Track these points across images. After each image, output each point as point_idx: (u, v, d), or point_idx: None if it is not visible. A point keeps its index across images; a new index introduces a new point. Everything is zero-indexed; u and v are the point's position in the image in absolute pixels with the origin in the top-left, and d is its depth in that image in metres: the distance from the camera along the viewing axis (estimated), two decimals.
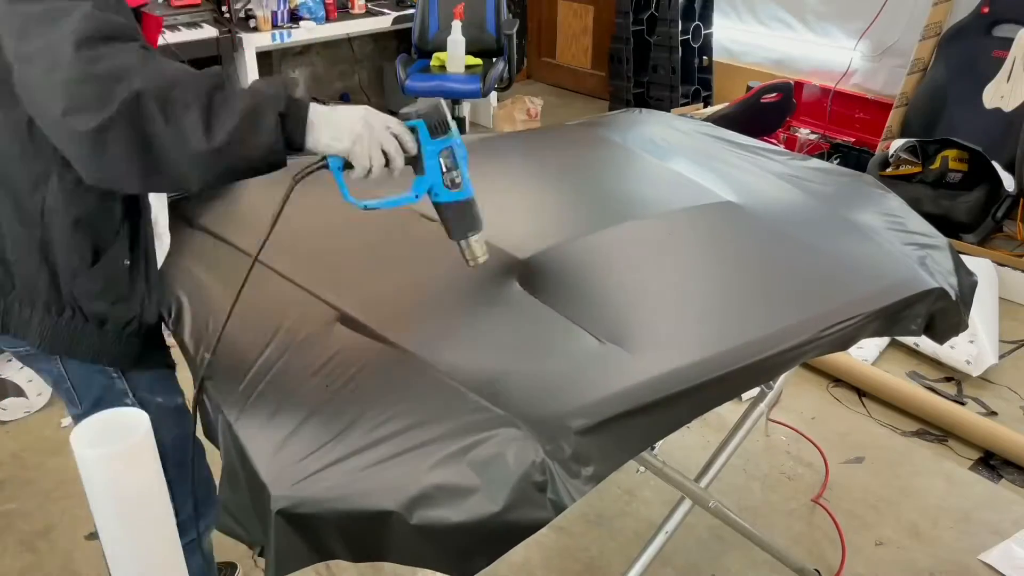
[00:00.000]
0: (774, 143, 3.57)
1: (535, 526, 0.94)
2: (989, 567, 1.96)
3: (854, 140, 4.14)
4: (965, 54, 3.59)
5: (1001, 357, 2.69)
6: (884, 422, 2.47)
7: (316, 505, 0.90)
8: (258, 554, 0.95)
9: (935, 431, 2.42)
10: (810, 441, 2.38)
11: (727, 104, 4.13)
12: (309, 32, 4.05)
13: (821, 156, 3.91)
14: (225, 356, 1.14)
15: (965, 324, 1.49)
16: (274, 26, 3.92)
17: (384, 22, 4.29)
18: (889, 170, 3.47)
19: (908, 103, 3.77)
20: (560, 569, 1.95)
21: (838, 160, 3.95)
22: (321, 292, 1.26)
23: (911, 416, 2.47)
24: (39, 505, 2.13)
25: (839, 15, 4.14)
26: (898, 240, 1.54)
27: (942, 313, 1.43)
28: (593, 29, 5.29)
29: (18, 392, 2.44)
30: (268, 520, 0.90)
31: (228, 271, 1.34)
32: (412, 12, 4.23)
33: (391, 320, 1.20)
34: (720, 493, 1.83)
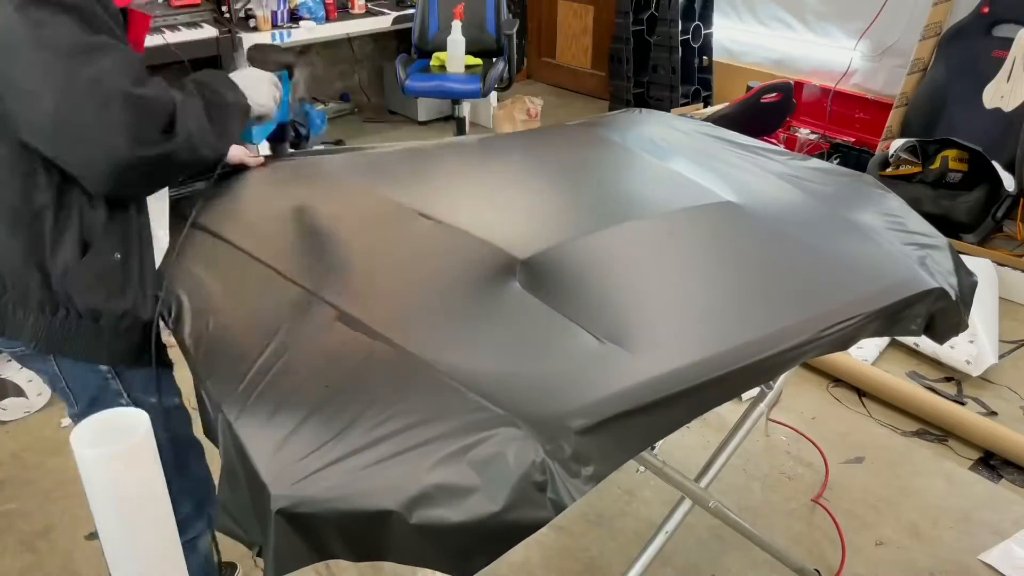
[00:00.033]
0: (774, 143, 3.57)
1: (535, 526, 0.94)
2: (989, 567, 1.96)
3: (854, 140, 4.13)
4: (965, 54, 3.59)
5: (1001, 357, 2.69)
6: (884, 422, 2.47)
7: (316, 505, 0.90)
8: (256, 554, 0.94)
9: (935, 431, 2.42)
10: (810, 441, 2.38)
11: (727, 104, 4.13)
12: (309, 32, 4.06)
13: (821, 156, 3.91)
14: (225, 356, 1.14)
15: (965, 324, 1.49)
16: (274, 26, 3.93)
17: (384, 22, 4.30)
18: (889, 170, 3.47)
19: (908, 103, 3.76)
20: (560, 569, 1.95)
21: (838, 160, 3.95)
22: (321, 291, 1.26)
23: (911, 416, 2.48)
24: (39, 505, 2.13)
25: (839, 15, 4.14)
26: (898, 240, 1.54)
27: (942, 313, 1.43)
28: (593, 29, 5.29)
29: (18, 392, 2.44)
30: (268, 520, 0.90)
31: (228, 270, 1.34)
32: (412, 12, 4.23)
33: (391, 319, 1.19)
34: (720, 493, 1.83)
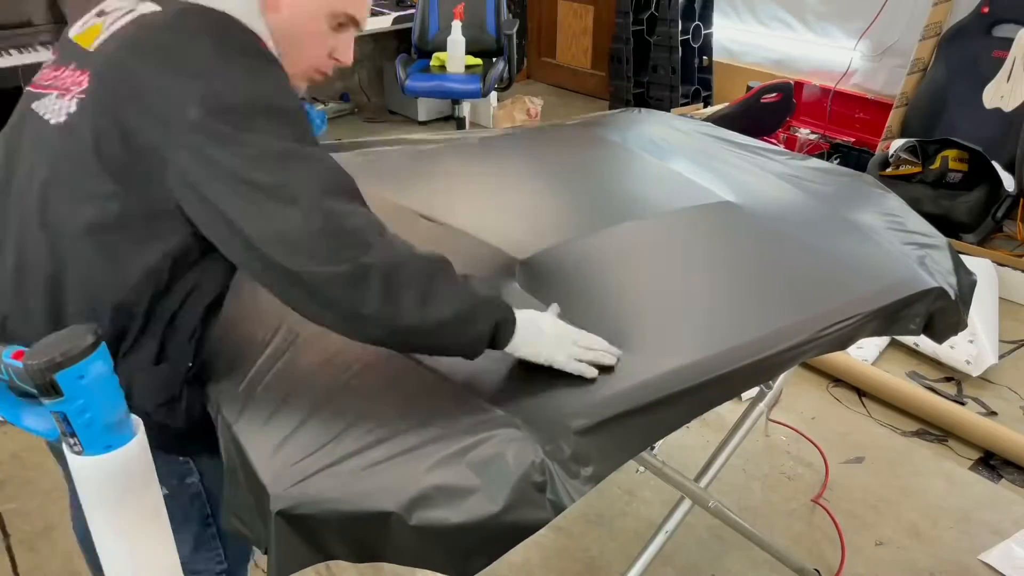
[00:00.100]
0: (774, 143, 3.57)
1: (535, 526, 0.94)
2: (989, 567, 1.96)
3: (854, 140, 4.13)
4: (965, 54, 3.59)
5: (1001, 357, 2.69)
6: (884, 422, 2.47)
7: (315, 506, 0.90)
8: (263, 552, 0.94)
9: (935, 431, 2.42)
10: (810, 441, 2.38)
11: (727, 104, 4.13)
12: None
13: (821, 156, 3.91)
14: (225, 356, 1.14)
15: (964, 323, 1.49)
16: None
17: (384, 22, 4.29)
18: (889, 170, 3.47)
19: (908, 103, 3.76)
20: (560, 569, 1.95)
21: (838, 160, 3.95)
22: None
23: (911, 416, 2.47)
24: (39, 505, 2.13)
25: (839, 15, 4.14)
26: (897, 240, 1.54)
27: (941, 312, 1.43)
28: (593, 29, 5.29)
29: None
30: (268, 521, 0.90)
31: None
32: (412, 12, 4.23)
33: None
34: (720, 493, 1.83)
